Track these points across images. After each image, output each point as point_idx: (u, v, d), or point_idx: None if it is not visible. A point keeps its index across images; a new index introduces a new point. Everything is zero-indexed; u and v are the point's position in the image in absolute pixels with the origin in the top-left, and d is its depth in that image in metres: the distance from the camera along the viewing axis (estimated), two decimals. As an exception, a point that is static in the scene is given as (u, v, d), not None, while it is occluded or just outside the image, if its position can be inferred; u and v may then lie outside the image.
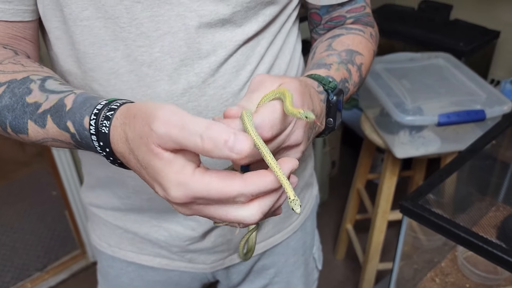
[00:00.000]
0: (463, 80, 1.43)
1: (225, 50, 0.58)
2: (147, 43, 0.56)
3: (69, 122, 0.47)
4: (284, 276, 0.90)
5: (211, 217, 0.41)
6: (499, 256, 0.71)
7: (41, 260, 1.98)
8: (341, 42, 0.63)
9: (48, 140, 0.51)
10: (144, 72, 0.57)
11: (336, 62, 0.58)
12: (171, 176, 0.37)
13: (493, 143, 0.98)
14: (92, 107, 0.45)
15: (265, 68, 0.64)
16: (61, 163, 1.74)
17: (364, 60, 0.63)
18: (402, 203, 0.81)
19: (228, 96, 0.61)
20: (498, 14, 1.94)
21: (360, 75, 0.62)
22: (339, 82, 0.57)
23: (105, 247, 0.81)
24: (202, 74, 0.58)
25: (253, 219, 0.39)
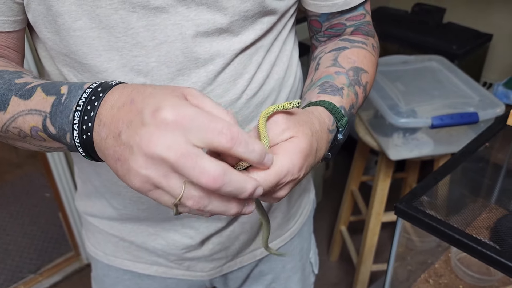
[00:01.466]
0: (457, 83, 1.44)
1: (223, 59, 0.58)
2: (143, 53, 0.55)
3: (65, 86, 0.45)
4: (282, 281, 0.90)
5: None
6: (492, 257, 0.71)
7: (34, 262, 1.97)
8: (346, 57, 0.62)
9: (22, 114, 0.47)
10: (140, 81, 0.57)
11: (346, 85, 0.58)
12: (175, 99, 0.37)
13: (486, 145, 0.99)
14: (94, 82, 0.44)
15: (262, 76, 0.64)
16: (54, 164, 1.74)
17: (369, 78, 0.63)
18: (396, 205, 0.81)
19: (226, 105, 0.61)
20: (490, 17, 1.96)
21: (365, 96, 0.63)
22: (348, 110, 0.57)
23: (101, 256, 0.80)
24: (199, 83, 0.58)
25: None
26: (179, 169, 0.35)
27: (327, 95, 0.55)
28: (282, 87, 0.68)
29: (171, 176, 0.36)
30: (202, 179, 0.35)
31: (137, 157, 0.36)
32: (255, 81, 0.63)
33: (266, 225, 0.54)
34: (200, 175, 0.35)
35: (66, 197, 1.82)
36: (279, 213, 0.80)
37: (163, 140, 0.35)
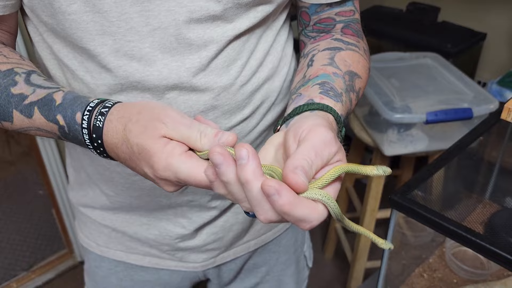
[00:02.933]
0: (451, 79, 1.45)
1: (216, 45, 0.58)
2: (136, 38, 0.55)
3: (59, 115, 0.50)
4: (276, 274, 0.89)
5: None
6: (487, 248, 0.71)
7: (27, 260, 1.96)
8: (343, 60, 0.61)
9: (32, 129, 0.53)
10: (133, 67, 0.57)
11: (343, 90, 0.56)
12: (163, 158, 0.44)
13: (480, 139, 0.99)
14: (84, 105, 0.49)
15: (256, 63, 0.64)
16: (48, 162, 1.73)
17: (361, 84, 0.62)
18: (391, 197, 0.81)
19: (219, 91, 0.61)
20: (484, 16, 1.97)
21: (357, 102, 0.62)
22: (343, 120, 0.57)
23: (93, 247, 0.80)
24: (192, 69, 0.58)
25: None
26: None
27: (331, 99, 0.52)
28: (276, 77, 0.68)
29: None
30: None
31: (163, 188, 0.48)
32: (248, 68, 0.63)
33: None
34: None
35: (59, 195, 1.81)
36: None
37: (167, 188, 0.47)
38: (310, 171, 0.40)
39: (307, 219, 0.39)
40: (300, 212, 0.38)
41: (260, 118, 0.68)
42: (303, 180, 0.38)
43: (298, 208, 0.37)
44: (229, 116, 0.63)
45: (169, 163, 0.43)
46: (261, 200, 0.38)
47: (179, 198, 0.68)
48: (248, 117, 0.65)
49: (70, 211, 1.85)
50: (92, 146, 0.49)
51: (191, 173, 0.43)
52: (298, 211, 0.38)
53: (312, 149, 0.41)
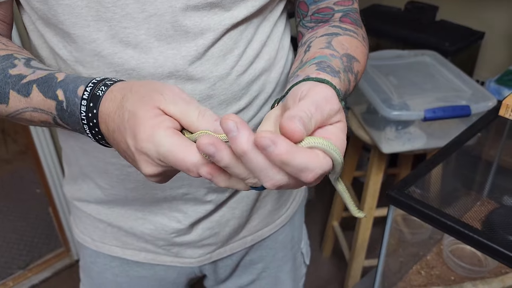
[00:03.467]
0: (449, 77, 1.45)
1: (213, 33, 0.58)
2: (132, 25, 0.55)
3: (59, 90, 0.48)
4: (272, 271, 0.89)
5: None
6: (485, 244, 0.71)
7: (23, 258, 1.95)
8: (340, 43, 0.59)
9: (28, 110, 0.51)
10: (129, 54, 0.56)
11: (341, 69, 0.55)
12: (148, 127, 0.41)
13: (478, 135, 0.99)
14: (90, 79, 0.48)
15: (253, 53, 0.63)
16: (45, 160, 1.72)
17: (360, 67, 0.60)
18: (388, 193, 0.81)
19: (215, 80, 0.60)
20: (482, 15, 1.97)
21: (355, 85, 0.60)
22: (342, 96, 0.54)
23: (88, 242, 0.79)
24: (188, 57, 0.57)
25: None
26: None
27: (328, 74, 0.50)
28: (273, 68, 0.67)
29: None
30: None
31: (141, 170, 0.44)
32: (245, 58, 0.62)
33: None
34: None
35: (56, 193, 1.81)
36: (269, 200, 0.79)
37: (144, 167, 0.43)
38: (309, 123, 0.38)
39: (309, 167, 0.36)
40: (299, 160, 0.35)
41: (257, 110, 0.67)
42: (300, 128, 0.36)
43: (296, 156, 0.35)
44: (225, 107, 0.62)
45: (153, 133, 0.40)
46: (263, 165, 0.36)
47: (174, 191, 0.68)
48: (245, 108, 0.65)
49: (67, 209, 1.84)
50: (86, 118, 0.47)
51: (173, 149, 0.39)
52: (297, 159, 0.35)
53: (312, 104, 0.39)
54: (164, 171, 0.43)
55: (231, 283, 0.89)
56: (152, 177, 0.44)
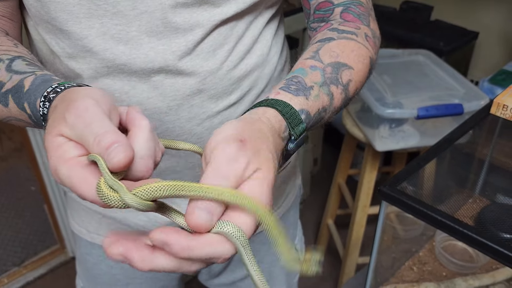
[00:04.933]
0: (443, 76, 1.46)
1: (202, 29, 0.58)
2: (123, 22, 0.56)
3: (25, 103, 0.48)
4: (266, 265, 0.89)
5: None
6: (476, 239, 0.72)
7: (18, 255, 1.95)
8: (329, 50, 0.56)
9: (12, 119, 0.52)
10: (120, 50, 0.57)
11: (318, 83, 0.51)
12: (53, 159, 0.39)
13: (470, 133, 1.00)
14: (44, 90, 0.46)
15: (243, 49, 0.64)
16: (41, 157, 1.72)
17: (353, 75, 0.56)
18: (380, 189, 0.82)
19: (206, 75, 0.61)
20: (477, 15, 1.98)
21: (345, 97, 0.55)
22: (313, 116, 0.51)
23: (84, 233, 0.80)
24: (178, 52, 0.58)
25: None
26: None
27: (289, 93, 0.48)
28: (266, 64, 0.68)
29: None
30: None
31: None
32: (235, 54, 0.63)
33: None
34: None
35: (52, 190, 1.80)
36: None
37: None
38: (215, 208, 0.37)
39: (215, 255, 0.37)
40: (201, 252, 0.36)
41: (248, 105, 0.68)
42: (202, 218, 0.36)
43: (196, 249, 0.36)
44: (215, 101, 0.63)
45: (56, 166, 0.38)
46: (173, 264, 0.37)
47: None
48: (236, 103, 0.66)
49: (62, 206, 1.84)
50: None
51: (72, 184, 0.37)
52: (198, 251, 0.36)
53: (215, 174, 0.38)
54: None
55: (225, 277, 0.89)
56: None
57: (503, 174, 1.21)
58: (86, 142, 0.38)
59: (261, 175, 0.40)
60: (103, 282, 0.84)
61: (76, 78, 0.60)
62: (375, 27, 0.65)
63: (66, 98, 0.42)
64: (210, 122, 0.64)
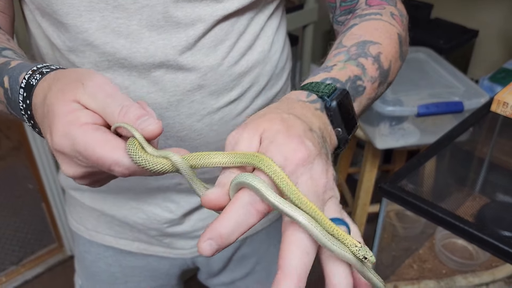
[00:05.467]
0: (443, 74, 1.46)
1: (203, 24, 0.58)
2: (124, 15, 0.55)
3: (6, 77, 0.47)
4: (266, 265, 0.89)
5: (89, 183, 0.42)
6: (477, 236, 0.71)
7: (16, 254, 1.94)
8: (351, 35, 0.55)
9: None
10: (120, 43, 0.57)
11: (342, 61, 0.50)
12: (62, 123, 0.37)
13: (470, 130, 1.00)
14: (33, 66, 0.45)
15: (245, 45, 0.63)
16: (39, 156, 1.71)
17: (382, 48, 0.54)
18: (381, 185, 0.81)
19: (206, 71, 0.60)
20: (477, 14, 1.98)
21: (380, 67, 0.53)
22: (345, 82, 0.48)
23: (82, 230, 0.80)
24: (179, 47, 0.58)
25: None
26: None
27: (307, 79, 0.48)
28: (268, 61, 0.67)
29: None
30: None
31: (62, 170, 0.41)
32: (236, 50, 0.62)
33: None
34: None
35: (50, 189, 1.80)
36: None
37: (65, 168, 0.40)
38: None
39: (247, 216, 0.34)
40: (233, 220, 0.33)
41: (249, 102, 0.67)
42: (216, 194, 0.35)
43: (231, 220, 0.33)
44: (216, 97, 0.63)
45: (68, 130, 0.36)
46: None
47: (167, 181, 0.68)
48: (236, 99, 0.65)
49: (60, 205, 1.84)
50: (24, 108, 0.44)
51: (90, 146, 0.35)
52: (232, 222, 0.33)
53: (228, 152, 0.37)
54: (89, 173, 0.39)
55: (224, 276, 0.89)
56: (77, 179, 0.41)
57: (503, 172, 1.21)
58: (110, 112, 0.37)
59: (267, 134, 0.38)
60: (102, 280, 0.83)
61: None
62: (402, 7, 0.63)
63: (75, 72, 0.41)
64: (210, 119, 0.64)
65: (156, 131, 0.36)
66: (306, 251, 0.33)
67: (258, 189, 0.33)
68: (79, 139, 0.36)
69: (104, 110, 0.37)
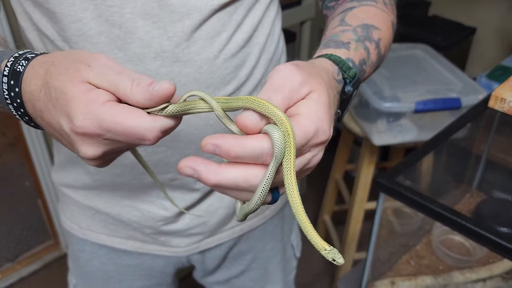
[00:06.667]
0: (440, 70, 1.45)
1: (200, 14, 0.57)
2: (117, 3, 0.54)
3: None
4: (262, 262, 0.88)
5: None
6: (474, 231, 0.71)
7: (12, 251, 1.94)
8: (354, 16, 0.58)
9: None
10: (114, 34, 0.56)
11: (354, 39, 0.53)
12: (82, 104, 0.37)
13: (468, 126, 0.99)
14: (14, 52, 0.43)
15: (242, 38, 0.63)
16: (35, 152, 1.71)
17: (382, 34, 0.57)
18: (378, 181, 0.81)
19: (203, 63, 0.60)
20: (474, 11, 1.98)
21: (378, 53, 0.57)
22: (358, 65, 0.52)
23: (76, 229, 0.78)
24: (175, 38, 0.57)
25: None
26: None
27: (330, 48, 0.50)
28: (263, 53, 0.67)
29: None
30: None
31: (83, 159, 0.40)
32: (233, 42, 0.62)
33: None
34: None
35: (46, 186, 1.79)
36: None
37: (85, 149, 0.39)
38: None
39: (262, 150, 0.36)
40: (248, 149, 0.36)
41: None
42: (251, 120, 0.36)
43: (245, 146, 0.36)
44: (212, 91, 0.62)
45: (91, 109, 0.36)
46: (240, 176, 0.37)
47: (161, 176, 0.67)
48: (233, 93, 0.64)
49: (56, 201, 1.83)
50: (9, 97, 0.42)
51: (119, 119, 0.36)
52: (247, 147, 0.36)
53: (268, 88, 0.38)
54: (106, 152, 0.40)
55: (220, 274, 0.88)
56: (92, 160, 0.40)
57: (500, 169, 1.21)
58: (122, 87, 0.37)
59: (315, 96, 0.40)
60: (96, 279, 0.82)
61: None
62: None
63: (72, 54, 0.40)
64: (207, 114, 0.63)
65: (171, 89, 0.37)
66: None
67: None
68: (105, 115, 0.36)
69: (117, 87, 0.38)
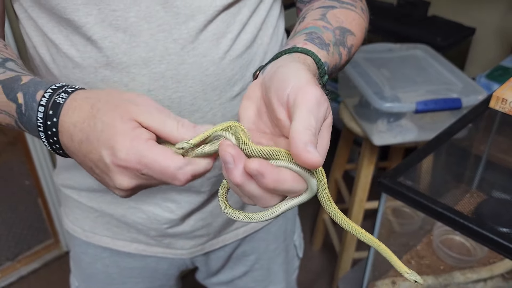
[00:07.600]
0: (440, 71, 1.46)
1: (204, 15, 0.57)
2: (121, 7, 0.54)
3: (20, 93, 0.47)
4: (265, 262, 0.88)
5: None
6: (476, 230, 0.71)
7: (12, 250, 1.94)
8: (335, 16, 0.59)
9: None
10: (119, 38, 0.55)
11: (332, 42, 0.55)
12: (128, 140, 0.41)
13: (469, 126, 1.00)
14: (50, 84, 0.47)
15: (247, 38, 0.63)
16: (35, 151, 1.71)
17: (355, 41, 0.60)
18: (380, 180, 0.81)
19: (208, 65, 0.59)
20: (474, 11, 1.98)
21: (348, 59, 0.60)
22: (330, 69, 0.54)
23: (79, 232, 0.78)
24: (180, 41, 0.57)
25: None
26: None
27: (315, 46, 0.51)
28: (268, 53, 0.67)
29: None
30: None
31: (114, 189, 0.44)
32: (239, 42, 0.62)
33: None
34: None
35: (46, 185, 1.79)
36: None
37: (122, 180, 0.43)
38: (316, 140, 0.38)
39: (295, 190, 0.40)
40: (286, 186, 0.38)
41: None
42: (319, 159, 0.36)
43: (284, 183, 0.38)
44: (219, 93, 0.62)
45: (134, 145, 0.40)
46: (258, 193, 0.39)
47: None
48: (239, 94, 0.64)
49: (57, 201, 1.83)
50: (44, 125, 0.45)
51: (156, 158, 0.40)
52: (285, 185, 0.38)
53: (310, 115, 0.38)
54: (139, 185, 0.43)
55: (223, 275, 0.88)
56: (122, 191, 0.44)
57: (501, 169, 1.21)
58: (169, 127, 0.42)
59: (328, 122, 0.42)
60: (99, 281, 0.82)
61: (75, 68, 0.58)
62: (365, 3, 0.70)
63: (118, 93, 0.44)
64: (213, 115, 0.63)
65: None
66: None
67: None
68: (146, 152, 0.40)
69: (163, 126, 0.42)
